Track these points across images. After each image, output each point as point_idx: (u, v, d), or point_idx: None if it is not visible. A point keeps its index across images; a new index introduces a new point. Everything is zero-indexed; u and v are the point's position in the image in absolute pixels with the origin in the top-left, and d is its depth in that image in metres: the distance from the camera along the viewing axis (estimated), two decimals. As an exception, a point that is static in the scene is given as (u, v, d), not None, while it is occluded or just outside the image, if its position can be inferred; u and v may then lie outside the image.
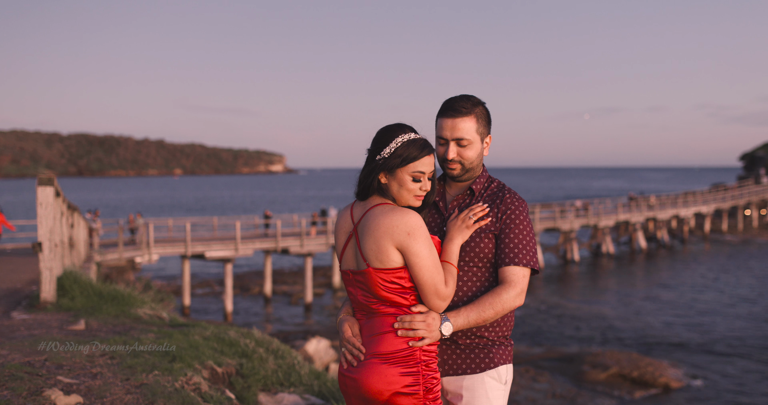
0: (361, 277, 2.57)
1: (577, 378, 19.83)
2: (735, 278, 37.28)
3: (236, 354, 5.81)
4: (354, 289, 2.63)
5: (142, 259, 28.43)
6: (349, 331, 2.63)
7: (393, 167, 2.55)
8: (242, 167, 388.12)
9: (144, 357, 5.03)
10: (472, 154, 2.78)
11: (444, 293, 2.54)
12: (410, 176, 2.57)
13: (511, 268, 2.68)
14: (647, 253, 47.84)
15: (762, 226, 60.38)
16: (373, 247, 2.51)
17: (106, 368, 4.76)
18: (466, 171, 2.81)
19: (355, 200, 2.72)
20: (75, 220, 15.53)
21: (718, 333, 25.17)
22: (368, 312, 2.61)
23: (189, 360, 5.03)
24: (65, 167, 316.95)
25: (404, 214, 2.50)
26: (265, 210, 40.36)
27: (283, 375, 5.71)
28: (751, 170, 74.35)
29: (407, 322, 2.51)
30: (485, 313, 2.61)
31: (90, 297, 7.55)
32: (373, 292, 2.55)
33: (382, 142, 2.57)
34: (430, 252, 2.52)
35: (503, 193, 2.82)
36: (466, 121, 2.74)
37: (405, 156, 2.55)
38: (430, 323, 2.52)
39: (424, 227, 2.52)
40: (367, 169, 2.59)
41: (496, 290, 2.65)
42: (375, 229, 2.50)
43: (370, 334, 2.57)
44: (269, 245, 31.56)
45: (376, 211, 2.55)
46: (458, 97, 2.80)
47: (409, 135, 2.57)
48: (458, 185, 2.90)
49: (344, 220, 2.69)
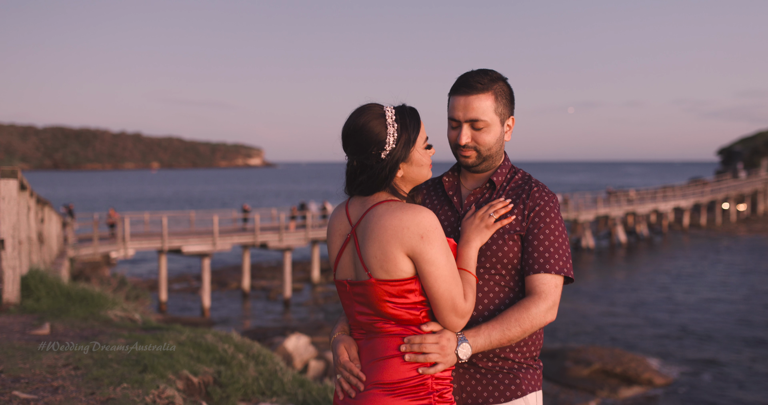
0: (361, 289, 2.10)
1: (560, 374, 19.60)
2: (715, 272, 37.37)
3: (214, 361, 5.38)
4: (351, 303, 2.17)
5: (117, 254, 27.97)
6: (345, 354, 2.16)
7: (407, 151, 2.12)
8: (220, 161, 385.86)
9: (112, 367, 4.59)
10: (490, 139, 2.32)
11: (463, 309, 2.09)
12: (422, 148, 2.16)
13: (542, 276, 2.22)
14: (627, 247, 47.90)
15: (740, 220, 60.75)
16: (377, 253, 2.05)
17: (69, 380, 4.31)
18: (483, 159, 2.35)
19: (350, 197, 2.23)
20: (46, 215, 14.99)
21: (700, 326, 25.13)
22: (369, 331, 2.15)
23: (161, 370, 4.60)
24: (41, 160, 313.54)
25: (416, 213, 2.04)
26: (243, 204, 39.84)
27: (264, 383, 5.30)
28: (728, 165, 74.95)
29: (417, 344, 2.05)
30: (510, 332, 2.16)
31: (57, 298, 7.08)
32: (376, 308, 2.09)
33: (373, 135, 2.08)
34: (447, 259, 2.07)
35: (530, 185, 2.36)
36: (482, 100, 2.29)
37: (411, 132, 2.12)
38: (445, 345, 2.06)
39: (440, 228, 2.07)
40: (377, 171, 2.10)
41: (524, 303, 2.20)
42: (381, 232, 2.05)
43: (372, 358, 2.11)
44: (247, 240, 31.23)
45: (380, 210, 2.09)
46: (474, 71, 2.35)
47: (389, 110, 2.12)
48: (475, 177, 2.44)
49: (339, 221, 2.22)
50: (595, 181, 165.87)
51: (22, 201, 7.97)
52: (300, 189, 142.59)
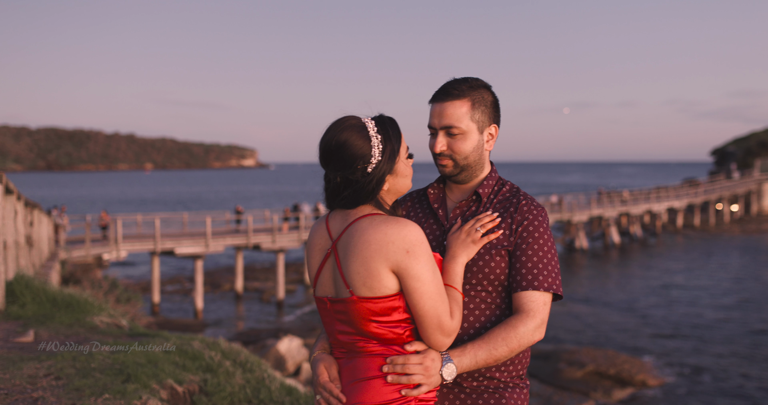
0: (343, 307, 2.02)
1: (553, 376, 19.54)
2: (709, 272, 37.37)
3: (200, 368, 5.28)
4: (332, 321, 2.08)
5: (110, 256, 27.83)
6: (325, 374, 2.07)
7: (393, 163, 2.04)
8: (214, 162, 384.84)
9: (94, 376, 4.49)
10: (466, 147, 2.24)
11: (449, 327, 2.00)
12: (405, 158, 2.10)
13: (530, 293, 2.14)
14: (620, 247, 47.88)
15: (733, 220, 60.82)
16: (360, 269, 1.96)
17: (50, 391, 4.20)
18: (461, 168, 2.27)
19: (330, 211, 2.15)
20: (35, 218, 14.85)
21: (693, 327, 25.10)
22: (350, 350, 2.06)
23: (145, 379, 4.50)
24: (34, 162, 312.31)
25: (402, 227, 1.96)
26: (236, 205, 39.72)
27: (251, 391, 5.20)
28: (722, 165, 75.05)
29: (400, 365, 1.97)
30: (497, 352, 2.07)
31: (43, 304, 6.95)
32: (358, 327, 2.00)
33: (357, 149, 2.00)
34: (433, 275, 1.98)
35: (518, 198, 2.27)
36: (456, 106, 2.21)
37: (394, 143, 2.05)
38: (429, 366, 1.98)
39: (426, 242, 1.98)
40: (364, 184, 2.01)
41: (511, 322, 2.11)
42: (364, 247, 1.96)
43: (353, 379, 2.02)
44: (240, 241, 31.12)
45: (363, 224, 2.00)
46: (456, 79, 2.28)
47: (369, 122, 2.04)
48: (461, 188, 2.35)
49: (319, 236, 2.13)
50: (589, 182, 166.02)
51: (8, 205, 7.86)
52: (293, 190, 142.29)
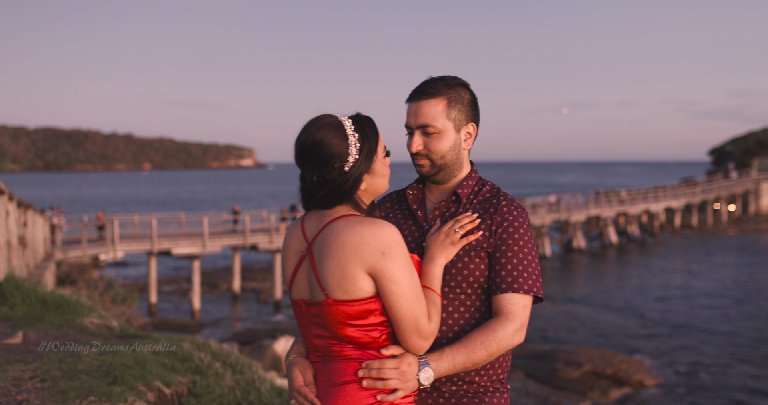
0: (318, 310, 1.97)
1: (550, 376, 19.51)
2: (706, 272, 37.35)
3: (189, 370, 5.23)
4: (307, 324, 2.04)
5: (106, 256, 27.80)
6: (300, 378, 2.03)
7: (370, 162, 2.01)
8: (212, 162, 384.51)
9: (80, 379, 4.44)
10: (443, 147, 2.20)
11: (427, 330, 1.96)
12: (383, 157, 2.06)
13: (509, 296, 2.09)
14: (618, 247, 47.86)
15: (731, 220, 60.82)
16: (335, 272, 1.92)
17: (35, 394, 4.16)
18: (438, 168, 2.23)
19: (306, 212, 2.11)
20: (29, 218, 14.80)
21: (691, 327, 25.08)
22: (325, 354, 2.02)
23: (132, 381, 4.45)
24: (32, 162, 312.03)
25: (378, 227, 1.92)
26: (233, 205, 39.68)
27: (241, 393, 5.16)
28: (719, 165, 75.04)
29: (375, 369, 1.92)
30: (475, 355, 2.03)
31: (33, 305, 6.91)
32: (333, 330, 1.96)
33: (334, 148, 1.96)
34: (411, 277, 1.94)
35: (498, 199, 2.23)
36: (432, 105, 2.18)
37: (372, 142, 2.01)
38: (405, 371, 1.93)
39: (403, 244, 1.94)
40: (341, 184, 1.97)
41: (490, 325, 2.07)
42: (339, 249, 1.92)
43: (328, 383, 1.98)
44: (237, 241, 31.09)
45: (338, 225, 1.96)
46: (432, 77, 2.25)
47: (345, 120, 2.01)
48: (440, 189, 2.31)
49: (294, 237, 2.09)
50: (586, 181, 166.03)
51: (-1, 205, 7.81)
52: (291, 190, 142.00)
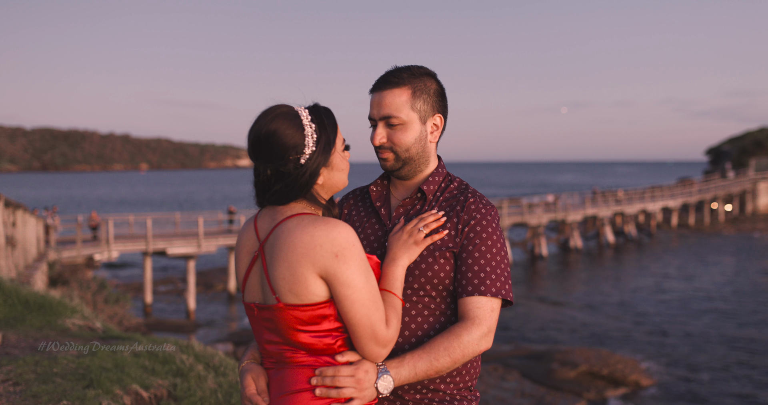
0: (269, 314, 1.86)
1: (546, 376, 19.43)
2: (703, 272, 37.30)
3: (170, 373, 5.13)
4: (260, 329, 1.92)
5: (101, 257, 27.69)
6: (252, 386, 1.90)
7: (328, 154, 1.88)
8: (209, 162, 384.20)
9: (55, 382, 4.34)
10: (408, 139, 2.06)
11: (384, 337, 1.84)
12: (341, 149, 1.94)
13: (476, 299, 1.96)
14: (615, 247, 47.80)
15: (728, 220, 60.77)
16: (285, 275, 1.80)
17: (5, 398, 4.05)
18: (403, 162, 2.09)
19: (260, 209, 1.97)
20: (18, 219, 14.68)
21: (687, 327, 25.03)
22: (278, 361, 1.90)
23: (108, 384, 4.34)
24: (29, 162, 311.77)
25: (331, 228, 1.79)
26: (229, 205, 39.58)
27: (223, 396, 5.06)
28: (716, 165, 75.01)
29: (329, 377, 1.80)
30: (438, 362, 1.90)
31: (14, 306, 6.81)
32: (285, 336, 1.85)
33: (288, 139, 1.83)
34: (366, 280, 1.82)
35: (465, 196, 2.09)
36: (395, 95, 2.04)
37: (330, 133, 1.90)
38: (362, 378, 1.81)
39: (358, 245, 1.82)
40: (296, 177, 1.85)
41: (455, 330, 1.94)
42: (289, 250, 1.80)
43: (280, 391, 1.86)
44: (233, 241, 30.94)
45: (290, 225, 1.83)
46: (396, 67, 2.11)
47: (302, 110, 1.89)
48: (405, 185, 2.17)
49: (247, 237, 1.96)
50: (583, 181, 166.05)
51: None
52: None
